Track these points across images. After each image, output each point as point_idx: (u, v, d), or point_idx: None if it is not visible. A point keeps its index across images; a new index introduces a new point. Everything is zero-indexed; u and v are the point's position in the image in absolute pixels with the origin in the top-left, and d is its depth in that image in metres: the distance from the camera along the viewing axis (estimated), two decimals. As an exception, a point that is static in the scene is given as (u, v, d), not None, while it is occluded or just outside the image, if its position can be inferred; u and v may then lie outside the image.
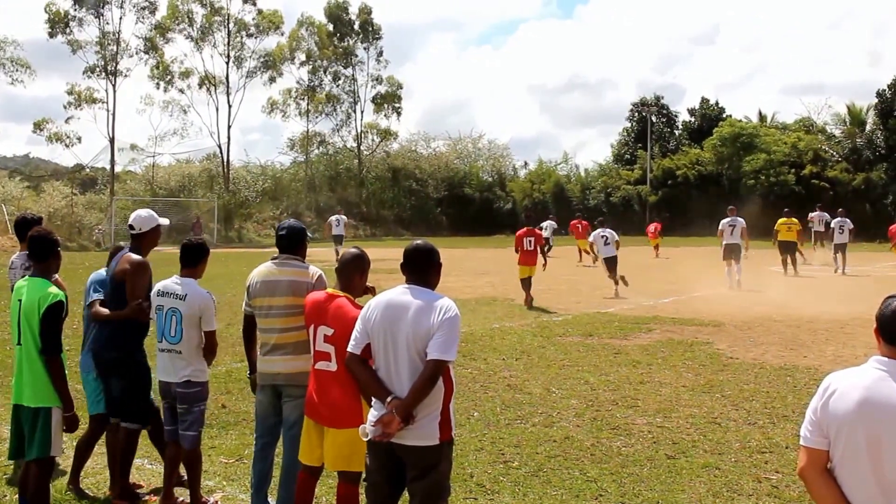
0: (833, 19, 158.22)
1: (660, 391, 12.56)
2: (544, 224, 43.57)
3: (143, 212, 8.50)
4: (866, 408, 3.97)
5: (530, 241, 23.60)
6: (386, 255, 26.83)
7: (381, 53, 79.69)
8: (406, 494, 5.96)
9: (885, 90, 65.51)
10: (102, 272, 8.51)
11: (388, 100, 79.42)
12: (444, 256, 6.27)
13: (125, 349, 7.99)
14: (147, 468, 9.04)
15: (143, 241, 8.32)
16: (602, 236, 26.60)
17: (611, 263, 26.10)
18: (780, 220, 32.92)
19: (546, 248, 29.55)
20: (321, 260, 26.21)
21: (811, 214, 38.63)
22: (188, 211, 63.58)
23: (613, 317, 20.41)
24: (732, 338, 17.51)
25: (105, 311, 8.10)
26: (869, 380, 4.05)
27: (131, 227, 8.31)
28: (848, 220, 33.55)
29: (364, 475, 6.19)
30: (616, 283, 25.52)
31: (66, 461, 8.66)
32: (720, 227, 28.83)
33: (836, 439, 4.07)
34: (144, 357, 8.16)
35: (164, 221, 8.68)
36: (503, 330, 18.37)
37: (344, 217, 43.08)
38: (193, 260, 7.96)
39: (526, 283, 23.23)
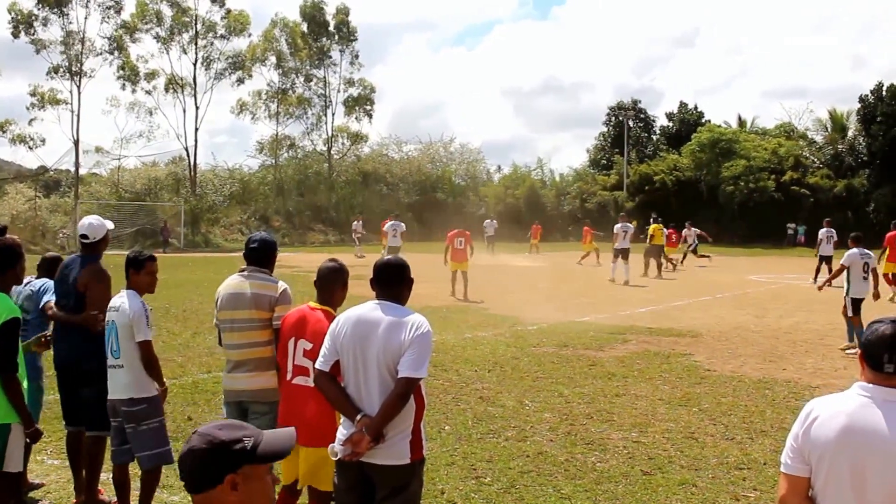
0: (816, 22, 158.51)
1: (636, 404, 12.40)
2: (486, 223, 46.16)
3: (93, 219, 8.40)
4: (849, 435, 3.95)
5: (461, 241, 27.16)
6: (356, 261, 26.59)
7: (356, 56, 79.19)
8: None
9: (867, 95, 65.49)
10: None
11: (360, 102, 78.97)
12: (416, 262, 6.09)
13: (99, 359, 7.84)
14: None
15: (98, 247, 8.25)
16: (624, 230, 32.84)
17: (625, 254, 32.46)
18: (653, 226, 36.51)
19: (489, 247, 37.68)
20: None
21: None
22: (154, 215, 62.86)
23: (589, 326, 20.19)
24: (710, 349, 17.39)
25: (61, 313, 8.10)
26: (852, 406, 4.02)
27: (84, 236, 8.20)
28: (833, 231, 33.44)
29: (334, 495, 6.05)
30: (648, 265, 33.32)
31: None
32: (615, 232, 33.71)
33: (818, 467, 4.04)
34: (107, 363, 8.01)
35: (110, 225, 8.55)
36: (476, 340, 18.12)
37: (402, 224, 36.96)
38: (136, 269, 7.69)
39: (454, 276, 26.72)
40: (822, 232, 33.47)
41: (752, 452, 9.98)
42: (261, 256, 7.55)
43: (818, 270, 32.79)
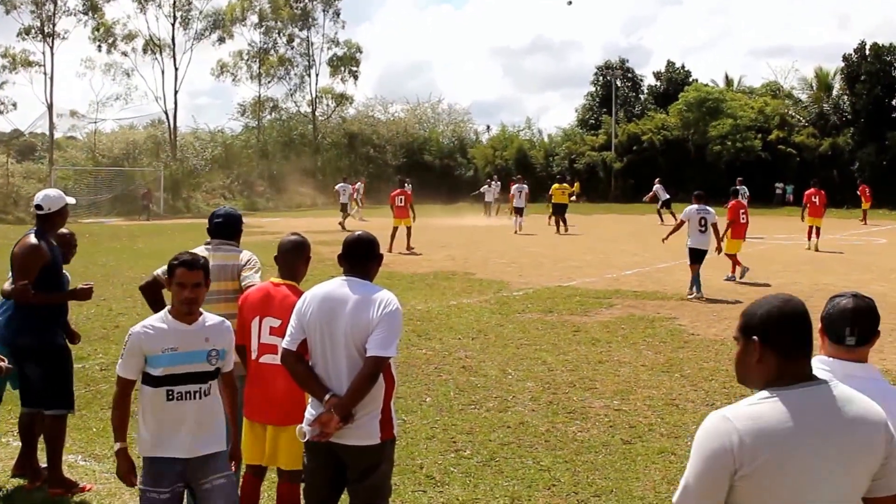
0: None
1: (618, 371, 12.36)
2: (483, 188, 48.53)
3: (52, 191, 8.23)
4: None
5: (401, 199, 30.31)
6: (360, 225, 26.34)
7: (338, 14, 77.81)
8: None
9: (851, 54, 65.10)
10: None
11: (345, 63, 77.73)
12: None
13: (40, 335, 7.78)
14: (80, 465, 8.62)
15: (50, 221, 8.01)
16: (519, 190, 39.81)
17: (520, 211, 39.27)
18: (555, 185, 39.90)
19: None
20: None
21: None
22: (133, 181, 61.72)
23: (575, 291, 20.06)
24: (695, 312, 17.39)
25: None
26: None
27: (39, 206, 7.97)
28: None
29: (303, 475, 5.96)
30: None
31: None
32: (511, 192, 40.86)
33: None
34: (64, 340, 8.06)
35: (72, 200, 8.44)
36: (460, 307, 17.90)
37: (525, 186, 41.75)
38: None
39: (394, 231, 29.40)
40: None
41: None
42: (225, 230, 7.50)
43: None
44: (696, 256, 19.75)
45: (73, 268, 8.52)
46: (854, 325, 4.07)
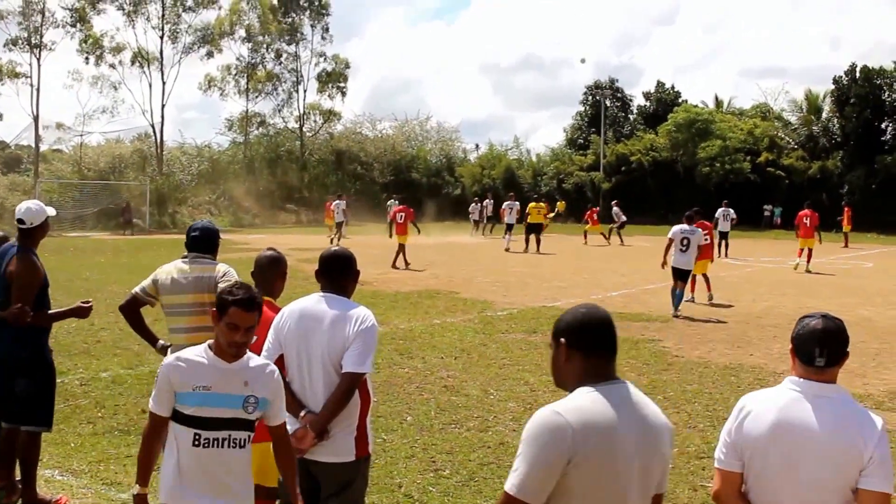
0: (795, 1, 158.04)
1: None
2: (335, 203, 46.29)
3: (33, 204, 8.04)
4: (781, 430, 4.07)
5: (401, 216, 31.12)
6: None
7: (327, 30, 77.54)
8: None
9: (841, 77, 65.22)
10: None
11: (333, 78, 77.37)
12: (388, 245, 5.79)
13: (34, 348, 7.68)
14: (57, 479, 8.51)
15: (33, 236, 7.87)
16: (510, 208, 41.49)
17: (510, 228, 40.55)
18: (531, 205, 39.88)
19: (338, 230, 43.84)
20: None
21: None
22: (118, 194, 61.09)
23: (559, 311, 19.29)
24: (680, 334, 17.32)
25: None
26: (783, 401, 4.14)
27: (21, 221, 7.80)
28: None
29: (279, 492, 5.92)
30: None
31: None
32: (502, 208, 42.67)
33: (751, 461, 4.15)
34: (51, 356, 7.93)
35: (52, 212, 8.18)
36: (444, 326, 17.77)
37: (517, 204, 42.82)
38: None
39: (400, 248, 30.20)
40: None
41: (713, 441, 9.57)
42: (202, 243, 7.53)
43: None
44: (678, 275, 20.16)
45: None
46: (823, 346, 4.12)
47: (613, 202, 49.03)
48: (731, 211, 38.77)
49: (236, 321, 4.83)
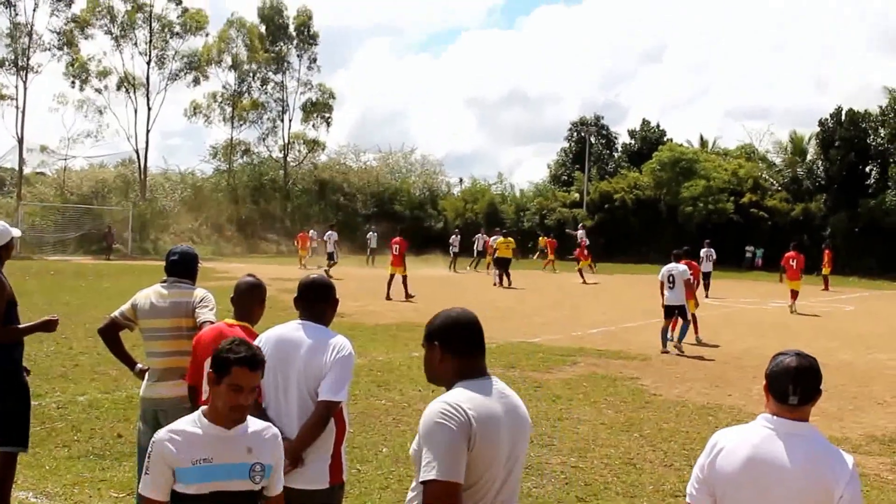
0: (782, 43, 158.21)
1: (577, 429, 12.30)
2: (327, 234, 46.77)
3: None
4: (753, 467, 4.11)
5: (396, 248, 31.74)
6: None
7: (314, 60, 78.04)
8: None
9: (827, 119, 65.34)
10: None
11: (318, 108, 77.72)
12: (370, 277, 5.71)
13: (6, 366, 7.57)
14: (32, 501, 8.52)
15: (0, 255, 7.76)
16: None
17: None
18: (499, 240, 40.57)
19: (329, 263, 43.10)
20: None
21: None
22: (101, 219, 61.23)
23: (538, 347, 19.94)
24: (659, 373, 17.31)
25: None
26: (757, 438, 4.18)
27: None
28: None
29: None
30: None
31: None
32: (489, 242, 43.55)
33: (723, 498, 4.18)
34: (25, 375, 7.80)
35: (17, 233, 8.12)
36: (422, 359, 17.45)
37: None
38: None
39: (390, 279, 31.05)
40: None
41: (688, 479, 9.55)
42: (181, 267, 7.60)
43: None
44: (666, 312, 20.68)
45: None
46: (797, 384, 4.15)
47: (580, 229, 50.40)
48: (713, 251, 39.25)
49: (240, 382, 4.36)
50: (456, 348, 4.21)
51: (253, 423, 4.58)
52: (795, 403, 4.15)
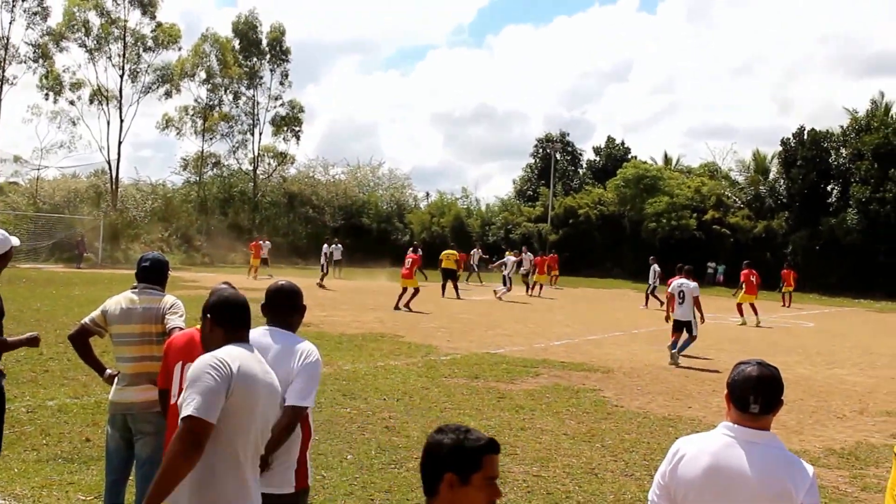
0: (747, 63, 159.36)
1: (540, 438, 12.34)
2: (333, 246, 48.31)
3: None
4: (713, 475, 4.15)
5: (409, 262, 32.96)
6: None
7: (286, 75, 78.36)
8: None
9: (789, 139, 66.07)
10: None
11: (288, 122, 78.01)
12: (337, 287, 6.02)
13: None
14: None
15: None
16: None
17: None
18: (445, 252, 41.03)
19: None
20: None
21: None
22: (73, 228, 61.15)
23: (502, 359, 20.05)
24: (620, 385, 17.39)
25: None
26: (717, 445, 4.22)
27: None
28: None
29: None
30: None
31: None
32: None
33: None
34: (1, 381, 7.80)
35: (16, 242, 8.14)
36: (387, 368, 17.86)
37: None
38: None
39: (402, 292, 32.03)
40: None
41: (649, 489, 9.86)
42: (152, 274, 7.60)
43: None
44: (675, 326, 21.34)
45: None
46: (758, 393, 4.19)
47: (523, 246, 52.60)
48: (658, 267, 40.88)
49: (495, 471, 3.58)
50: (225, 321, 4.97)
51: None
52: (756, 412, 4.18)
